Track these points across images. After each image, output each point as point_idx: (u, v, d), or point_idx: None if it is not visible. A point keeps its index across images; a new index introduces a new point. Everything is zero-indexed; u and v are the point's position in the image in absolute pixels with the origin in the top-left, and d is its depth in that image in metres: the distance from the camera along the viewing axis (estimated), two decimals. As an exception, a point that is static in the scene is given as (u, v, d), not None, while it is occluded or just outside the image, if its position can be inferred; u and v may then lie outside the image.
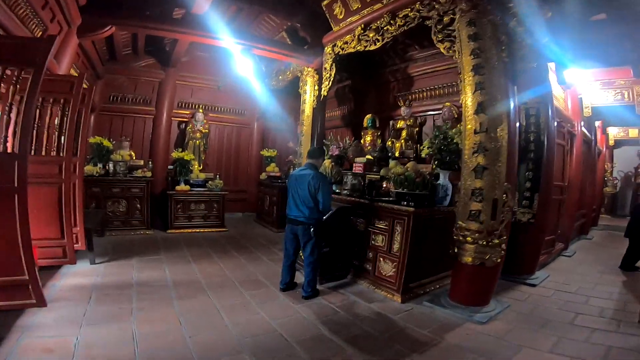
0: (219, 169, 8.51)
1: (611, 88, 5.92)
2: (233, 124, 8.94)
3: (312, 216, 3.66)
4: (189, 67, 7.99)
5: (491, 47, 3.41)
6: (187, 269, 4.54)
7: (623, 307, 3.80)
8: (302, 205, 3.66)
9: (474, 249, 3.42)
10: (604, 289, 4.45)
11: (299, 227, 3.70)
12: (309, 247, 3.70)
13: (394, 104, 6.69)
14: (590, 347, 2.86)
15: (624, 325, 3.29)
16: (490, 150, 3.34)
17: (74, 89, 4.05)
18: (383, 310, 3.52)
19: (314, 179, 3.60)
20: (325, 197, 3.61)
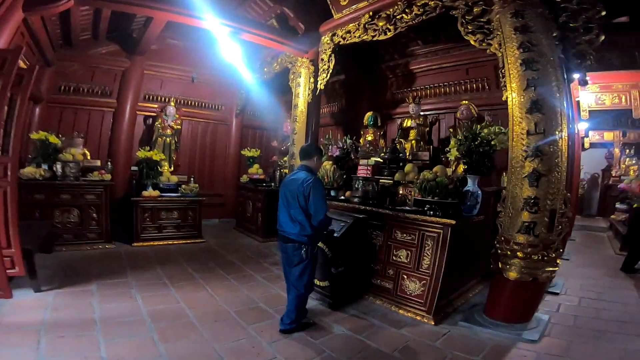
0: (192, 171, 7.54)
1: (609, 92, 5.92)
2: (209, 120, 8.00)
3: (303, 232, 2.88)
4: (159, 55, 6.97)
5: (544, 41, 3.02)
6: (167, 297, 3.67)
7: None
8: (292, 218, 2.89)
9: (524, 263, 3.01)
10: (623, 293, 4.33)
11: (289, 245, 2.93)
12: (297, 270, 2.92)
13: (391, 101, 6.23)
14: None
15: None
16: (547, 155, 2.93)
17: (5, 68, 3.05)
18: (418, 336, 3.01)
19: (305, 184, 2.83)
20: (318, 208, 2.81)
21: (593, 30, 2.90)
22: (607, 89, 5.90)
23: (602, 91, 5.99)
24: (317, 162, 3.14)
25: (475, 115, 4.61)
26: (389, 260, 3.69)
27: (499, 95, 4.79)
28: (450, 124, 5.39)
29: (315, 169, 3.12)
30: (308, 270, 2.93)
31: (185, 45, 7.07)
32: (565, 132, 2.98)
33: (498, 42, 3.24)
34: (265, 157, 8.16)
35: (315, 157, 3.10)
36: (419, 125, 5.20)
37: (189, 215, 6.23)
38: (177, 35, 6.70)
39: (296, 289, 2.93)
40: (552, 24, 3.01)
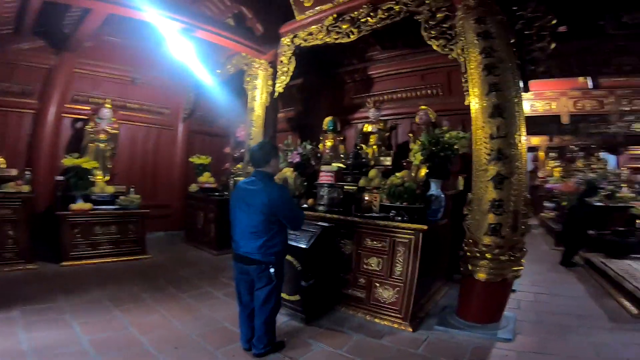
0: (132, 180, 6.74)
1: (541, 99, 6.50)
2: (151, 124, 7.28)
3: (271, 250, 2.51)
4: (94, 53, 6.17)
5: (503, 47, 3.15)
6: (111, 322, 3.15)
7: (601, 304, 3.96)
8: (253, 235, 2.49)
9: (492, 265, 3.07)
10: (569, 286, 4.70)
11: (251, 267, 2.54)
12: (263, 293, 2.56)
13: (350, 106, 6.21)
14: (624, 347, 2.84)
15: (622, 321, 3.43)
16: (509, 158, 3.03)
17: None
18: (399, 345, 2.92)
19: (271, 194, 2.47)
20: (293, 215, 2.59)
21: (545, 37, 3.09)
22: (540, 96, 6.49)
23: (536, 98, 6.57)
24: (275, 166, 2.70)
25: (433, 120, 4.73)
26: (360, 268, 3.56)
27: (451, 102, 5.10)
28: (407, 130, 5.49)
29: (274, 173, 2.71)
30: (276, 291, 2.60)
31: (126, 43, 6.35)
32: (524, 136, 3.12)
33: (460, 48, 3.33)
34: (216, 164, 7.63)
35: (272, 161, 2.64)
36: (379, 130, 5.21)
37: (129, 230, 5.55)
38: (117, 31, 5.98)
39: (263, 314, 2.58)
40: (510, 31, 3.16)
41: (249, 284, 2.64)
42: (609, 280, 4.55)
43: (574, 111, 6.49)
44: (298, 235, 3.45)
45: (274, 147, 2.76)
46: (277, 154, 2.77)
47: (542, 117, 6.83)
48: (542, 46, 3.13)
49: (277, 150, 2.80)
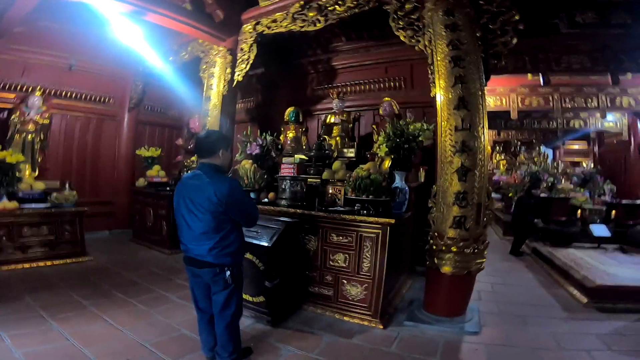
0: (68, 175, 6.06)
1: (493, 95, 6.79)
2: (91, 114, 6.57)
3: (225, 251, 2.20)
4: (25, 38, 5.46)
5: (470, 40, 3.16)
6: (47, 334, 2.74)
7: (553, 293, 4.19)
8: (203, 236, 2.18)
9: (457, 258, 3.08)
10: (521, 275, 4.96)
11: (204, 270, 2.24)
12: (221, 298, 2.26)
13: (312, 97, 6.03)
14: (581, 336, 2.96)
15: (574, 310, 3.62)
16: (473, 150, 3.05)
17: None
18: (372, 343, 2.83)
19: (220, 189, 2.12)
20: (247, 212, 2.27)
21: (508, 32, 3.14)
22: (492, 92, 6.78)
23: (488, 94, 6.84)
24: (225, 157, 2.33)
25: (397, 112, 4.71)
26: (326, 265, 3.42)
27: (414, 94, 5.11)
28: (369, 122, 5.45)
29: (223, 165, 2.33)
30: (236, 295, 2.32)
31: (63, 27, 5.65)
32: (486, 129, 3.15)
33: (428, 39, 3.30)
34: (168, 157, 7.10)
35: (220, 151, 2.28)
36: (343, 121, 5.09)
37: (65, 230, 4.95)
38: (52, 15, 5.28)
39: (223, 320, 2.31)
40: (476, 24, 3.16)
41: (205, 288, 2.35)
42: (556, 269, 4.83)
43: (522, 107, 6.89)
44: (259, 233, 3.21)
45: (223, 137, 2.42)
46: (227, 144, 2.38)
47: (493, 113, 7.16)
48: (504, 41, 3.18)
49: (227, 140, 2.43)
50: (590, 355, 2.62)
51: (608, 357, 2.61)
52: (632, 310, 3.45)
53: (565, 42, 4.39)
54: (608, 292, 3.67)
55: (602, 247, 5.59)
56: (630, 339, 2.91)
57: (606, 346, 2.77)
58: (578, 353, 2.66)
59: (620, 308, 3.51)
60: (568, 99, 6.68)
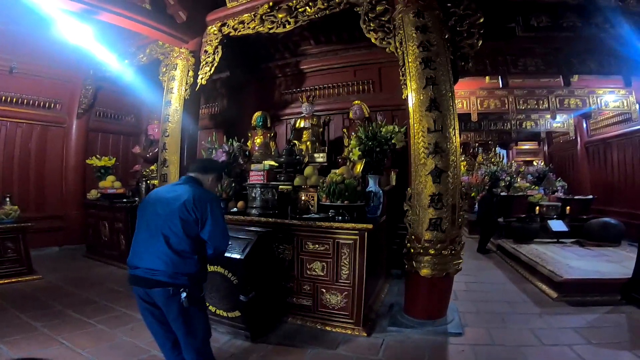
0: (8, 188, 5.46)
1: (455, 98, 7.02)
2: (35, 121, 6.00)
3: (183, 270, 1.91)
4: None
5: (440, 41, 3.18)
6: None
7: (523, 288, 4.32)
8: (163, 249, 1.90)
9: (435, 260, 3.06)
10: (491, 272, 5.10)
11: (155, 291, 1.90)
12: (183, 326, 1.96)
13: (280, 101, 5.88)
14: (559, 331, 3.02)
15: (547, 305, 3.73)
16: (446, 152, 3.06)
17: None
18: (358, 353, 2.74)
19: (197, 203, 1.95)
20: (218, 232, 2.00)
21: (474, 35, 3.20)
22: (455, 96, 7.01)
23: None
24: (212, 183, 2.32)
25: (367, 115, 4.69)
26: (303, 275, 3.27)
27: (382, 97, 5.13)
28: (339, 126, 5.40)
29: (206, 184, 2.24)
30: (200, 318, 2.03)
31: (4, 28, 5.17)
32: (457, 130, 3.18)
33: (399, 41, 3.28)
34: (123, 166, 6.60)
35: (212, 176, 2.28)
36: (313, 125, 4.98)
37: (7, 247, 4.48)
38: None
39: (190, 347, 2.02)
40: (445, 26, 3.20)
41: (158, 314, 2.00)
42: (522, 265, 5.00)
43: (481, 109, 7.19)
44: (230, 245, 3.00)
45: (221, 168, 2.62)
46: (221, 176, 2.46)
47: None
48: (471, 43, 3.24)
49: (222, 173, 2.53)
50: (573, 350, 2.67)
51: (590, 350, 2.67)
52: (600, 303, 3.60)
53: (522, 45, 4.61)
54: (575, 286, 3.83)
55: (561, 242, 5.92)
56: (606, 331, 3.01)
57: (585, 340, 2.84)
58: (561, 348, 2.71)
59: (589, 301, 3.66)
60: (522, 101, 7.07)
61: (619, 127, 7.67)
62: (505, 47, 4.71)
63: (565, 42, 4.40)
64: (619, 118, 7.59)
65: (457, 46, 3.30)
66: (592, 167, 8.73)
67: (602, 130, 8.36)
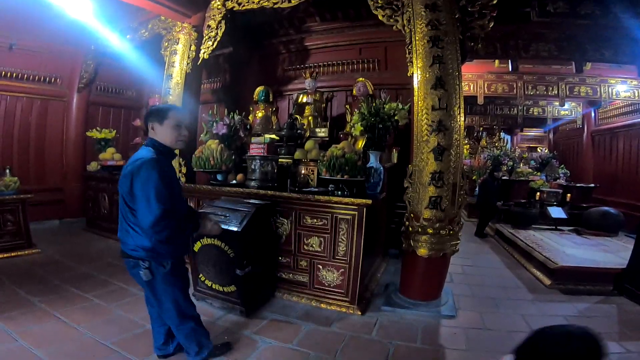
0: (8, 160, 5.46)
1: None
2: (35, 95, 5.92)
3: (139, 243, 1.87)
4: None
5: (449, 20, 3.07)
6: None
7: (518, 274, 4.35)
8: (123, 223, 1.93)
9: (433, 240, 3.05)
10: (487, 257, 5.11)
11: (125, 261, 1.96)
12: (152, 299, 2.05)
13: (282, 77, 5.79)
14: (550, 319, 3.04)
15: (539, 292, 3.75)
16: (449, 130, 3.01)
17: None
18: (351, 331, 2.77)
19: (129, 170, 1.84)
20: (141, 205, 1.78)
21: (486, 16, 3.10)
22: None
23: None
24: (161, 132, 1.94)
25: (371, 92, 4.61)
26: (300, 250, 3.29)
27: (387, 76, 5.04)
28: (342, 102, 5.33)
29: (164, 141, 1.95)
30: (168, 294, 1.98)
31: (2, 4, 4.98)
32: (462, 109, 3.11)
33: (407, 19, 3.18)
34: (124, 139, 6.58)
35: (151, 125, 1.96)
36: (315, 101, 4.91)
37: (7, 220, 4.45)
38: None
39: (168, 321, 2.08)
40: (455, 5, 3.09)
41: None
42: (518, 250, 5.02)
43: (487, 93, 7.06)
44: (227, 217, 3.00)
45: (157, 109, 2.02)
46: (161, 117, 1.94)
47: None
48: (482, 24, 3.13)
49: (162, 112, 1.97)
50: (561, 338, 2.71)
51: (579, 339, 2.72)
52: (593, 292, 3.63)
53: (535, 30, 4.48)
54: (570, 274, 3.84)
55: (559, 229, 5.91)
56: (596, 321, 3.04)
57: None
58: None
59: (582, 290, 3.68)
60: (530, 87, 6.93)
61: (627, 118, 7.55)
62: (517, 31, 4.57)
63: (581, 28, 4.28)
64: (629, 108, 7.48)
65: (467, 26, 3.18)
66: (597, 156, 8.64)
67: (610, 120, 8.23)
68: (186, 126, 2.09)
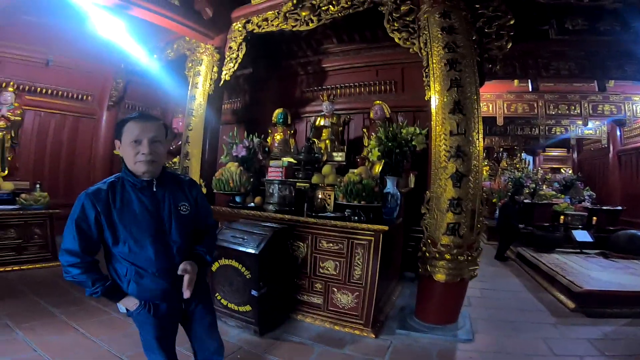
0: (40, 176, 5.72)
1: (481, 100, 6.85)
2: (67, 112, 6.24)
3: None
4: (1, 33, 5.17)
5: (466, 43, 3.10)
6: (12, 344, 2.54)
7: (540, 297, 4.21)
8: None
9: (451, 265, 3.00)
10: (508, 280, 4.98)
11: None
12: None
13: (300, 99, 5.90)
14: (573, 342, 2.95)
15: (563, 315, 3.63)
16: (468, 156, 2.99)
17: None
18: (364, 354, 2.73)
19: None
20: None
21: (504, 37, 3.11)
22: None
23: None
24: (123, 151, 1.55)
25: (388, 115, 4.64)
26: (316, 273, 3.30)
27: (404, 98, 5.04)
28: (358, 125, 5.37)
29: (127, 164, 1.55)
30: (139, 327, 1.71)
31: (42, 21, 5.36)
32: (481, 134, 3.10)
33: (423, 42, 3.23)
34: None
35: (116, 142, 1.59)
36: (332, 124, 4.97)
37: (35, 233, 4.67)
38: (32, 9, 5.03)
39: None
40: (472, 27, 3.12)
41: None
42: (541, 274, 4.85)
43: (507, 113, 6.98)
44: (244, 239, 3.07)
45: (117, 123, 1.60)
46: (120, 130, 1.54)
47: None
48: (500, 45, 3.15)
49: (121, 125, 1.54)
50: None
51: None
52: (620, 315, 3.47)
53: (554, 48, 4.44)
54: (595, 297, 3.70)
55: (584, 252, 5.69)
56: (622, 344, 2.92)
57: (599, 351, 2.76)
58: (572, 359, 2.64)
59: (608, 313, 3.53)
60: (552, 106, 6.81)
61: (655, 136, 7.30)
62: (536, 49, 4.54)
63: (602, 45, 4.21)
64: (656, 127, 7.23)
65: (484, 48, 3.21)
66: (624, 177, 8.32)
67: (636, 139, 7.95)
68: (156, 140, 1.51)
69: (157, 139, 1.53)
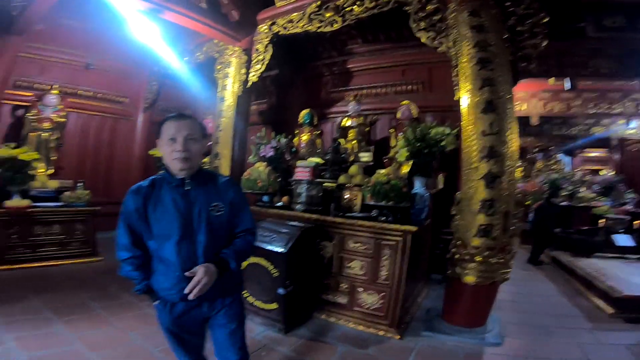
0: (82, 174, 6.06)
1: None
2: (106, 113, 6.58)
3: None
4: (45, 37, 5.47)
5: (498, 41, 3.02)
6: (52, 337, 2.69)
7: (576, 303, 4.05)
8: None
9: (482, 267, 2.93)
10: (541, 285, 4.80)
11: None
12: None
13: (326, 100, 5.94)
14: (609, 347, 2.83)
15: (600, 321, 3.48)
16: (502, 156, 2.90)
17: None
18: (389, 355, 2.72)
19: None
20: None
21: (538, 35, 3.00)
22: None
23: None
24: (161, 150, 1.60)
25: (415, 115, 4.58)
26: (342, 272, 3.31)
27: (432, 98, 4.97)
28: (386, 126, 5.32)
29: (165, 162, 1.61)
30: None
31: (82, 26, 5.69)
32: (516, 134, 3.00)
33: (452, 41, 3.17)
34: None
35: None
36: (359, 124, 4.98)
37: (76, 229, 4.94)
38: (72, 13, 5.35)
39: None
40: (503, 26, 3.03)
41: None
42: (578, 278, 4.64)
43: (543, 113, 6.68)
44: (272, 237, 3.13)
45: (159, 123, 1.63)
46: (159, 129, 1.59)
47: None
48: (534, 43, 3.04)
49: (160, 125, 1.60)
50: (619, 366, 2.46)
51: (639, 369, 2.45)
52: (662, 321, 3.26)
53: (591, 46, 4.24)
54: (635, 303, 3.51)
55: (626, 257, 5.36)
56: None
57: (635, 357, 2.63)
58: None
59: (649, 318, 3.32)
60: (591, 105, 6.46)
61: None
62: (572, 47, 4.35)
63: (643, 43, 3.97)
64: None
65: (518, 46, 3.11)
66: (671, 179, 7.76)
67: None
68: (191, 137, 1.53)
69: (192, 136, 1.54)
